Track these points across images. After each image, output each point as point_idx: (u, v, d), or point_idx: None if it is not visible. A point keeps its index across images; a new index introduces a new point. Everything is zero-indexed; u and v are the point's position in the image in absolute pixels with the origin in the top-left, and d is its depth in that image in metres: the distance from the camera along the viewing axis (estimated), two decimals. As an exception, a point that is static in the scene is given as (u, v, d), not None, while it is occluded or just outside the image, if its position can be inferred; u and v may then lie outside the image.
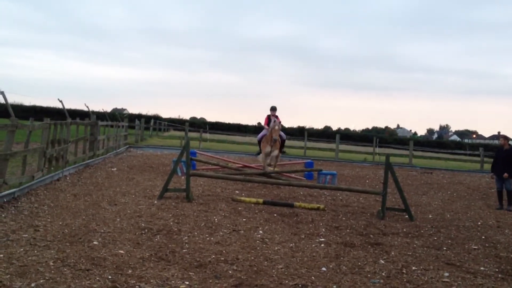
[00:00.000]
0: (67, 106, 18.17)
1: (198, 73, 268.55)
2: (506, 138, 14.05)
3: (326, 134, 68.56)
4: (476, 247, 8.22)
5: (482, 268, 6.90)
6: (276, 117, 15.75)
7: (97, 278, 5.23)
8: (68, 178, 12.45)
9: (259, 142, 15.92)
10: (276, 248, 7.14)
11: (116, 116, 29.03)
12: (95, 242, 6.64)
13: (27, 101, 71.78)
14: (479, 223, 10.60)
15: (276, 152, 15.26)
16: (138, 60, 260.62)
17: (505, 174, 13.03)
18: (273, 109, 16.06)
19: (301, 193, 13.20)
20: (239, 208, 10.04)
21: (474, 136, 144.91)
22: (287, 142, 43.21)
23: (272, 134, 14.91)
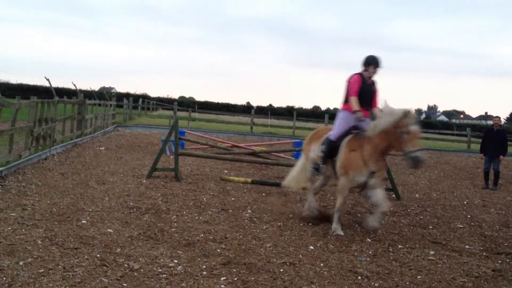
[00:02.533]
0: (54, 85, 18.00)
1: (186, 51, 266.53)
2: (499, 119, 14.05)
3: (315, 114, 68.50)
4: (461, 226, 8.33)
5: (467, 247, 7.01)
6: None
7: (86, 257, 5.24)
8: (55, 157, 12.38)
9: (332, 147, 7.32)
10: (264, 227, 7.19)
11: (104, 94, 28.80)
12: (83, 221, 6.64)
13: (14, 79, 71.04)
14: (465, 202, 10.73)
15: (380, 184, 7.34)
16: (125, 37, 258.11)
17: (501, 157, 13.14)
18: (371, 62, 7.35)
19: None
20: (228, 188, 10.07)
21: (462, 116, 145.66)
22: (276, 122, 43.15)
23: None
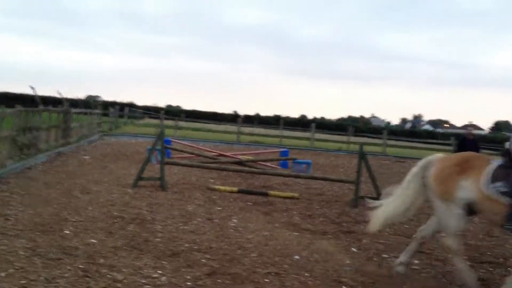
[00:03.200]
0: (40, 93, 17.89)
1: (173, 59, 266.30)
2: (472, 128, 14.25)
3: (302, 122, 68.64)
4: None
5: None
6: None
7: (68, 268, 5.18)
8: (40, 166, 12.26)
9: None
10: (249, 236, 7.17)
11: (90, 103, 28.65)
12: (66, 231, 6.57)
13: (-1, 88, 70.30)
14: (450, 211, 10.78)
15: None
16: (112, 46, 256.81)
17: None
18: None
19: (276, 182, 13.25)
20: (214, 197, 10.04)
21: (447, 125, 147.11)
22: (262, 131, 43.23)
23: None
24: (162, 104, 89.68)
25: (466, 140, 13.74)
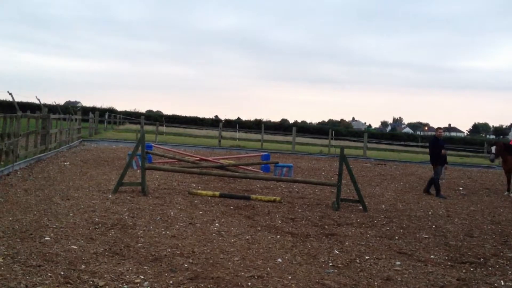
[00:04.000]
0: (18, 99, 17.65)
1: (153, 65, 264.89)
2: (443, 129, 15.25)
3: (283, 127, 68.88)
4: (427, 236, 8.46)
5: (432, 256, 7.12)
6: None
7: (49, 274, 5.12)
8: (19, 172, 12.10)
9: None
10: (232, 240, 7.16)
11: (69, 109, 28.35)
12: (47, 238, 6.49)
13: (-25, 94, 69.29)
14: (430, 212, 10.91)
15: None
16: (90, 51, 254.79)
17: (446, 166, 14.38)
18: None
19: (258, 185, 13.26)
20: (196, 202, 10.00)
21: (426, 128, 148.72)
22: (244, 135, 43.26)
23: None
24: (143, 109, 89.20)
25: (438, 141, 14.29)
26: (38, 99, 18.87)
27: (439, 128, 14.73)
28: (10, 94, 14.22)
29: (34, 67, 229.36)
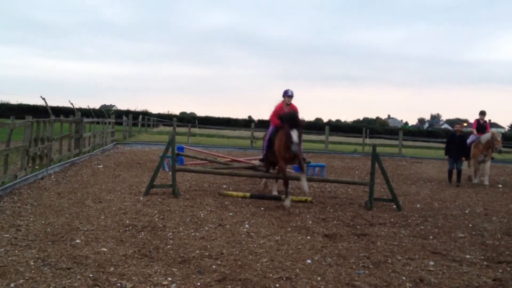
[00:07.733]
0: (54, 104, 18.07)
1: (181, 68, 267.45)
2: (461, 125, 16.43)
3: (316, 126, 68.42)
4: (462, 235, 8.21)
5: (467, 256, 6.89)
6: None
7: (78, 277, 5.15)
8: (52, 176, 12.31)
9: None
10: (261, 241, 7.09)
11: (103, 112, 28.80)
12: (77, 241, 6.56)
13: (14, 100, 71.40)
14: (467, 211, 10.60)
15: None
16: (124, 56, 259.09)
17: (463, 158, 15.31)
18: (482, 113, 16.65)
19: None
20: (226, 203, 9.97)
21: (465, 124, 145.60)
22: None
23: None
24: (177, 111, 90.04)
25: (455, 136, 15.46)
26: (72, 104, 19.24)
27: (456, 124, 15.65)
28: (43, 98, 14.49)
29: (71, 73, 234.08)
